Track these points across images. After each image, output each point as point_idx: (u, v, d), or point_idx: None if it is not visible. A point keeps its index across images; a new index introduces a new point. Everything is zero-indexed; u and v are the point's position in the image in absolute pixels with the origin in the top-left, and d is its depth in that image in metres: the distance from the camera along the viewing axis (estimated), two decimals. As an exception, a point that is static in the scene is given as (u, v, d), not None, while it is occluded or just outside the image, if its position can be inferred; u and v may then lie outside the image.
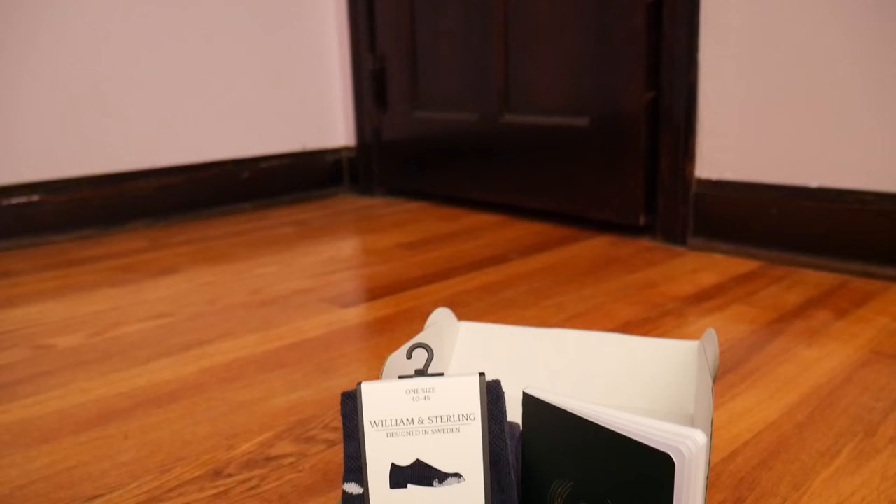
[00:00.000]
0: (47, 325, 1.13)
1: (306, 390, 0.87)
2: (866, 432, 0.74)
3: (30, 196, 1.64)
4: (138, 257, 1.51)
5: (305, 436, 0.76)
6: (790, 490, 0.65)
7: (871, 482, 0.65)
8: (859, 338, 0.97)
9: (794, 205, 1.31)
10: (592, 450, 0.43)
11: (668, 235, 1.48)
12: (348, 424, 0.48)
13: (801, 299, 1.13)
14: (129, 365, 0.96)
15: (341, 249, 1.54)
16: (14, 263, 1.49)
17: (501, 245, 1.52)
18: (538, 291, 1.21)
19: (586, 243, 1.51)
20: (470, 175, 1.86)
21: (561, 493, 0.45)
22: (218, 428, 0.79)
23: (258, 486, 0.67)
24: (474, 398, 0.48)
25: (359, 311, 1.15)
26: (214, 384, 0.89)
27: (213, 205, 1.93)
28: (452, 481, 0.47)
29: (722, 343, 0.97)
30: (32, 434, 0.79)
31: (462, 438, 0.48)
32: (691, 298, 1.15)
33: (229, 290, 1.27)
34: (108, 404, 0.85)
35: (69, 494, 0.67)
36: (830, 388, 0.83)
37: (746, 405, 0.80)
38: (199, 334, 1.06)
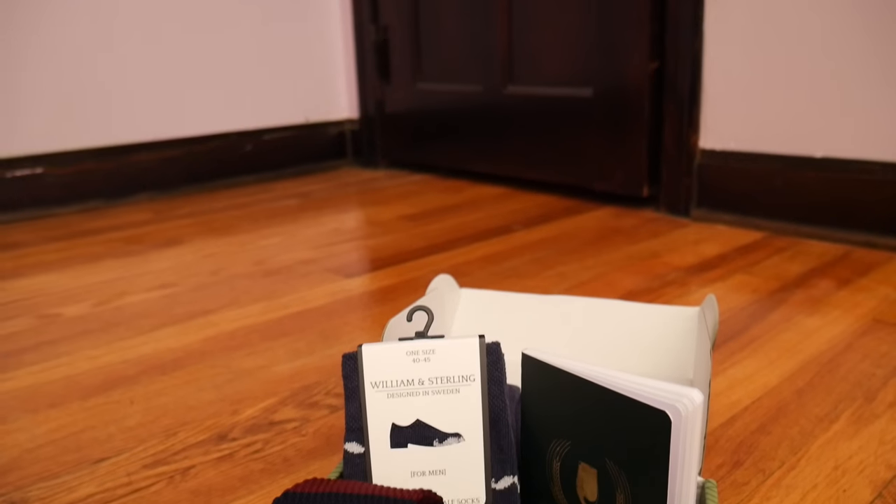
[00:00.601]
0: (53, 294, 1.14)
1: (309, 358, 0.88)
2: (866, 398, 0.74)
3: (33, 168, 1.64)
4: (142, 229, 1.52)
5: (309, 401, 0.77)
6: (788, 454, 0.65)
7: (869, 446, 0.66)
8: (861, 307, 0.97)
9: (799, 175, 1.30)
10: (590, 409, 0.43)
11: (672, 207, 1.47)
12: (349, 385, 0.49)
13: (804, 269, 1.13)
14: (134, 333, 0.97)
15: (344, 221, 1.54)
16: (19, 235, 1.50)
17: (504, 216, 1.52)
18: (541, 261, 1.21)
19: (589, 214, 1.51)
20: (473, 147, 1.85)
21: (559, 452, 0.46)
22: (222, 394, 0.79)
23: (262, 450, 0.68)
24: (474, 360, 0.49)
25: (362, 280, 1.15)
26: (218, 352, 0.90)
27: (216, 177, 1.93)
28: (452, 441, 0.48)
29: (723, 312, 0.97)
30: (40, 400, 0.80)
31: (462, 399, 0.48)
32: (694, 268, 1.15)
33: (233, 261, 1.27)
34: (113, 371, 0.86)
35: (76, 457, 0.68)
36: (831, 355, 0.84)
37: (746, 372, 0.80)
38: (203, 304, 1.07)
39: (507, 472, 0.47)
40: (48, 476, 0.65)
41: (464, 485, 0.47)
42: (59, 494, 0.62)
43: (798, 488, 0.60)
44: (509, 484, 0.47)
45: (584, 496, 0.45)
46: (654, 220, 1.45)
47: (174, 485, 0.63)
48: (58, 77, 1.65)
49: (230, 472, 0.65)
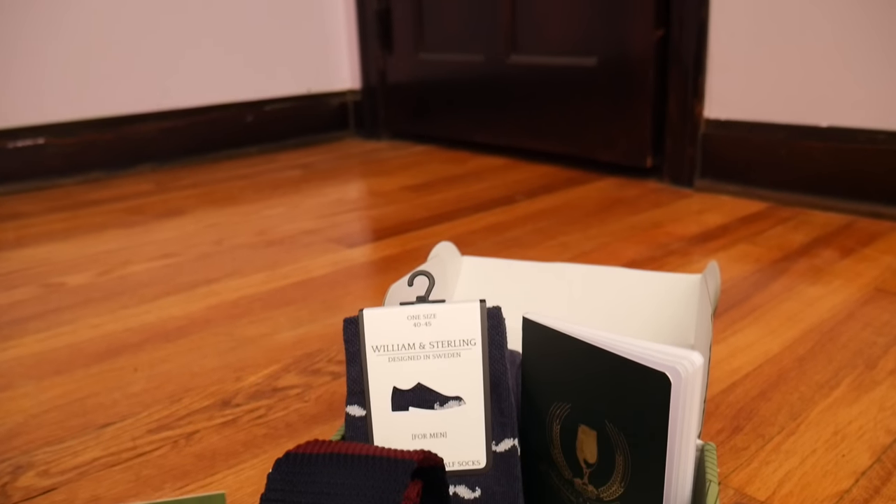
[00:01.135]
0: (57, 264, 1.14)
1: (312, 326, 0.88)
2: (867, 365, 0.74)
3: (35, 139, 1.64)
4: (145, 200, 1.52)
5: (311, 368, 0.78)
6: (788, 420, 0.65)
7: (869, 412, 0.66)
8: (864, 276, 0.97)
9: (804, 145, 1.29)
10: (590, 372, 0.44)
11: (676, 177, 1.47)
12: (351, 349, 0.49)
13: (807, 239, 1.13)
14: (138, 302, 0.97)
15: (347, 192, 1.54)
16: (22, 206, 1.50)
17: (507, 187, 1.51)
18: (543, 231, 1.21)
19: (593, 185, 1.50)
20: (476, 118, 1.84)
21: (559, 415, 0.46)
22: (225, 361, 0.80)
23: (265, 416, 0.69)
24: (475, 324, 0.49)
25: (364, 250, 1.15)
26: (222, 320, 0.91)
27: (218, 148, 1.92)
28: (453, 404, 0.48)
29: (726, 281, 0.97)
30: (45, 367, 0.80)
31: (463, 363, 0.48)
32: (696, 238, 1.15)
33: (235, 232, 1.27)
34: (117, 339, 0.87)
35: (82, 422, 0.69)
36: (833, 323, 0.84)
37: (748, 340, 0.81)
38: (206, 273, 1.07)
39: (508, 435, 0.48)
40: (53, 441, 0.66)
41: (464, 447, 0.48)
42: (64, 458, 0.63)
43: (797, 453, 0.61)
44: (509, 446, 0.48)
45: (584, 458, 0.45)
46: (657, 191, 1.44)
47: (178, 449, 0.64)
48: (59, 47, 1.64)
49: (234, 437, 0.65)
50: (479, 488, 0.47)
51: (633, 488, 0.43)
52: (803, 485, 0.57)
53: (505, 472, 0.47)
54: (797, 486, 0.57)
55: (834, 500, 0.55)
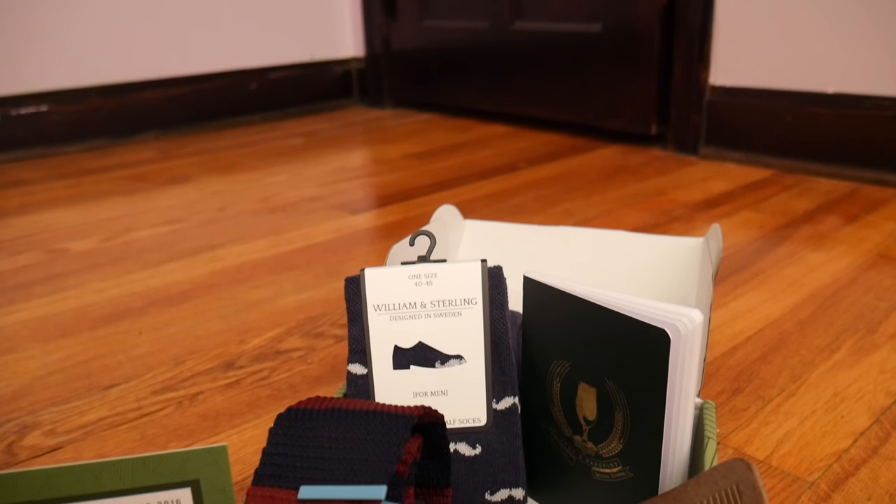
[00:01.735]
0: (61, 230, 1.14)
1: (315, 290, 0.88)
2: (867, 329, 0.74)
3: (38, 106, 1.63)
4: (148, 167, 1.52)
5: (314, 332, 0.78)
6: (788, 382, 0.66)
7: (869, 375, 0.66)
8: (867, 242, 0.97)
9: (809, 112, 1.28)
10: (590, 330, 0.44)
11: (680, 145, 1.46)
12: (352, 308, 0.49)
13: (811, 206, 1.12)
14: (142, 267, 0.98)
15: (350, 160, 1.53)
16: (26, 173, 1.50)
17: (511, 155, 1.51)
18: (547, 198, 1.20)
19: (597, 153, 1.50)
20: (480, 85, 1.83)
21: (560, 372, 0.46)
22: (229, 325, 0.80)
23: (269, 377, 0.69)
24: (476, 283, 0.49)
25: (367, 217, 1.15)
26: (225, 285, 0.91)
27: (221, 116, 1.91)
28: (454, 363, 0.48)
29: (729, 247, 0.97)
30: (50, 330, 0.81)
31: (464, 322, 0.49)
32: (700, 205, 1.14)
33: (239, 198, 1.27)
34: (121, 303, 0.87)
35: (87, 384, 0.69)
36: (835, 288, 0.84)
37: (749, 304, 0.81)
38: (209, 239, 1.07)
39: (508, 393, 0.48)
40: (59, 401, 0.67)
41: (465, 405, 0.48)
42: (70, 418, 0.64)
43: (796, 414, 0.61)
44: (510, 404, 0.48)
45: (584, 415, 0.46)
46: (661, 158, 1.43)
47: (182, 409, 0.65)
48: (61, 14, 1.62)
49: (237, 398, 0.66)
50: (480, 446, 0.48)
51: (632, 445, 0.43)
52: (802, 444, 0.57)
53: (505, 430, 0.48)
54: (796, 445, 0.57)
55: (832, 459, 0.55)
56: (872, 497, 0.51)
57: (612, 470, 0.45)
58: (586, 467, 0.46)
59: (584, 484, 0.47)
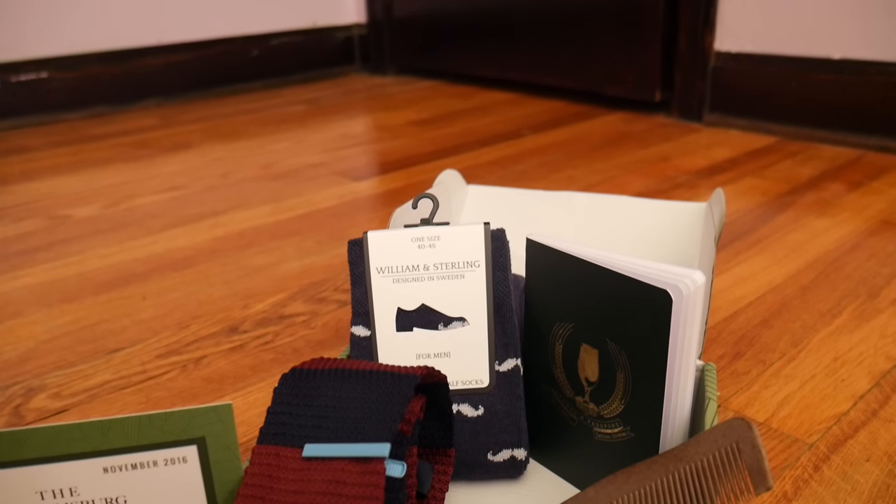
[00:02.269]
0: (63, 197, 1.14)
1: (318, 256, 0.89)
2: (869, 294, 0.74)
3: (38, 73, 1.62)
4: (150, 134, 1.51)
5: (318, 297, 0.78)
6: (789, 346, 0.66)
7: (870, 339, 0.67)
8: (871, 208, 0.97)
9: (815, 78, 1.27)
10: (593, 291, 0.44)
11: (684, 111, 1.45)
12: (355, 271, 0.49)
13: (815, 172, 1.12)
14: (145, 233, 0.98)
15: (353, 126, 1.52)
16: (27, 140, 1.49)
17: (514, 122, 1.50)
18: (550, 165, 1.20)
19: (600, 120, 1.49)
20: (483, 52, 1.81)
21: (562, 334, 0.47)
22: (233, 290, 0.81)
23: (272, 341, 0.70)
24: (479, 246, 0.49)
25: (370, 183, 1.15)
26: (228, 250, 0.91)
27: (222, 83, 1.90)
28: (457, 325, 0.49)
29: (732, 213, 0.97)
30: (54, 295, 0.81)
31: (466, 284, 0.49)
32: (704, 172, 1.14)
33: (241, 165, 1.27)
34: (125, 269, 0.87)
35: (92, 348, 0.70)
36: (837, 254, 0.84)
37: (752, 270, 0.81)
38: (212, 205, 1.07)
39: (511, 355, 0.48)
40: (64, 365, 0.67)
41: (468, 367, 0.48)
42: (75, 381, 0.65)
43: (797, 378, 0.61)
44: (512, 366, 0.48)
45: (585, 377, 0.46)
46: (665, 125, 1.42)
47: (187, 373, 0.65)
48: (57, -23, 1.61)
49: (241, 362, 0.67)
50: (482, 407, 0.48)
51: (634, 405, 0.44)
52: (802, 407, 0.58)
53: (507, 392, 0.48)
54: (796, 408, 0.58)
55: (832, 421, 0.56)
56: (871, 458, 0.52)
57: (614, 430, 0.45)
58: (588, 428, 0.47)
59: (585, 444, 0.47)
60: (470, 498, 0.48)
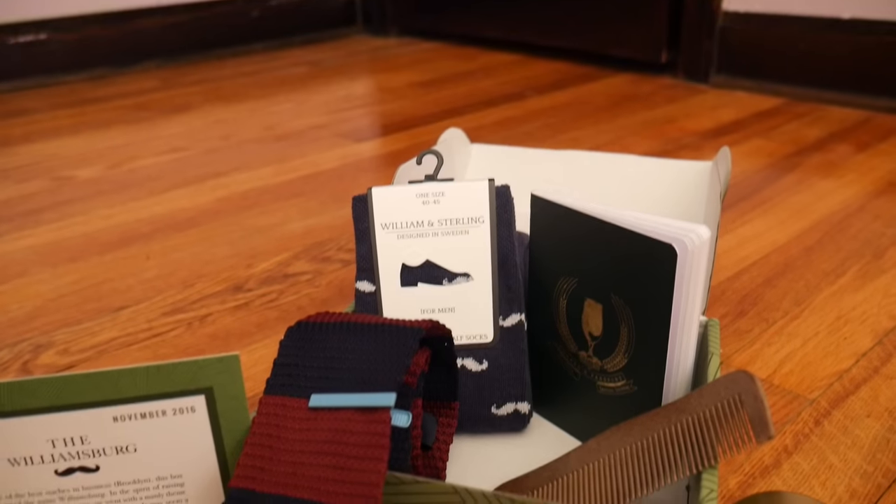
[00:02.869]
0: (65, 158, 1.14)
1: (321, 217, 0.88)
2: (874, 255, 0.74)
3: (37, 34, 1.61)
4: (151, 96, 1.50)
5: (321, 256, 0.78)
6: (792, 305, 0.66)
7: (874, 298, 0.67)
8: (878, 170, 0.96)
9: (823, 38, 1.25)
10: (597, 246, 0.44)
11: (691, 73, 1.43)
12: (360, 227, 0.49)
13: (822, 134, 1.11)
14: (148, 194, 0.98)
15: (355, 88, 1.51)
16: (27, 102, 1.49)
17: (518, 83, 1.48)
18: (554, 126, 1.19)
19: (605, 81, 1.47)
20: (486, 12, 1.78)
21: (566, 289, 0.47)
22: (237, 250, 0.81)
23: (277, 300, 0.70)
24: (483, 202, 0.49)
25: (373, 145, 1.14)
26: (231, 211, 0.91)
27: (223, 45, 1.88)
28: (461, 280, 0.49)
29: (737, 174, 0.96)
30: (59, 255, 0.81)
31: (471, 240, 0.49)
32: (709, 133, 1.13)
33: (243, 127, 1.26)
34: (129, 229, 0.87)
35: (98, 306, 0.70)
36: (843, 215, 0.84)
37: (756, 230, 0.81)
38: (214, 167, 1.07)
39: (515, 310, 0.48)
40: (71, 322, 0.68)
41: (472, 322, 0.49)
42: (82, 338, 0.65)
43: (799, 336, 0.62)
44: (516, 321, 0.48)
45: (589, 331, 0.46)
46: (671, 87, 1.41)
47: (193, 330, 0.66)
48: (54, -65, 1.58)
49: (246, 319, 0.67)
50: (487, 361, 0.49)
51: (637, 359, 0.44)
52: (804, 364, 0.58)
53: (511, 346, 0.49)
54: (798, 365, 0.58)
55: (833, 378, 0.56)
56: (872, 414, 0.52)
57: (617, 384, 0.46)
58: (591, 382, 0.47)
59: (588, 398, 0.48)
60: (474, 450, 0.48)
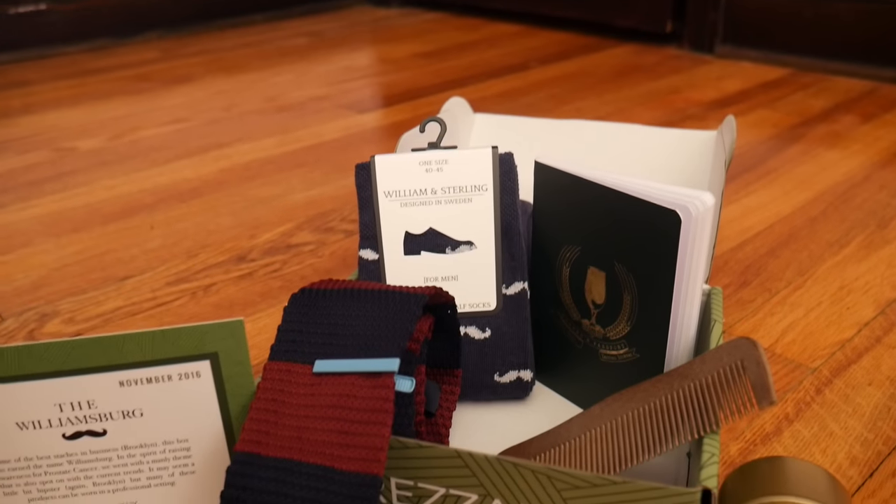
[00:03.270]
0: (67, 129, 1.13)
1: (325, 187, 0.88)
2: (878, 225, 0.74)
3: (37, 5, 1.59)
4: (152, 67, 1.49)
5: (324, 227, 0.78)
6: (795, 275, 0.66)
7: (877, 269, 0.67)
8: (883, 140, 0.96)
9: (830, 7, 1.24)
10: (601, 213, 0.44)
11: (696, 43, 1.42)
12: (363, 195, 0.49)
13: (828, 105, 1.10)
14: (150, 165, 0.98)
15: (357, 59, 1.50)
16: (28, 73, 1.48)
17: (521, 54, 1.47)
18: (558, 97, 1.18)
19: (609, 52, 1.46)
20: (490, -18, 1.76)
21: (569, 257, 0.47)
22: (240, 220, 0.81)
23: (280, 270, 0.70)
24: (487, 170, 0.49)
25: (375, 115, 1.14)
26: (234, 182, 0.91)
27: (224, 16, 1.86)
28: (464, 248, 0.49)
29: (742, 145, 0.96)
30: (63, 225, 0.82)
31: (474, 208, 0.49)
32: (714, 104, 1.12)
33: (245, 98, 1.26)
34: (132, 199, 0.87)
35: (102, 276, 0.71)
36: (847, 186, 0.83)
37: (761, 201, 0.80)
38: (216, 138, 1.07)
39: (518, 279, 0.49)
40: (76, 291, 0.68)
41: (475, 290, 0.49)
42: (87, 307, 0.65)
43: (802, 305, 0.62)
44: (519, 289, 0.49)
45: (592, 299, 0.46)
46: (676, 57, 1.40)
47: (197, 299, 0.66)
48: None
49: (250, 289, 0.67)
50: (489, 329, 0.49)
51: (640, 327, 0.44)
52: (806, 334, 0.58)
53: (514, 314, 0.49)
54: (800, 335, 0.58)
55: (835, 347, 0.56)
56: (873, 382, 0.53)
57: (619, 352, 0.46)
58: (593, 350, 0.47)
59: (590, 366, 0.48)
60: (477, 418, 0.49)
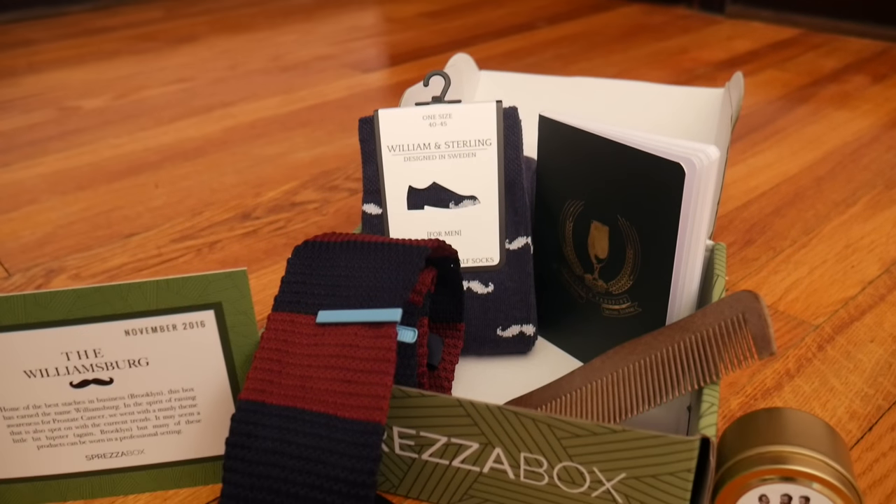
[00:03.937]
0: (71, 88, 1.13)
1: (329, 146, 0.88)
2: (886, 185, 0.74)
3: (39, -38, 1.58)
4: (156, 26, 1.48)
5: (329, 185, 0.78)
6: (800, 234, 0.66)
7: (883, 228, 0.66)
8: (893, 101, 0.94)
9: (845, -35, 1.22)
10: (605, 167, 0.44)
11: (706, 3, 1.40)
12: (366, 149, 0.49)
13: (839, 65, 1.09)
14: (155, 124, 0.97)
15: (362, 18, 1.48)
16: (31, 33, 1.47)
17: (528, 13, 1.45)
18: (565, 57, 1.17)
19: (618, 11, 1.44)
20: (498, -60, 1.73)
21: (573, 212, 0.47)
22: (244, 178, 0.81)
23: (284, 227, 0.70)
24: (491, 124, 0.48)
25: (380, 75, 1.13)
26: (239, 141, 0.91)
27: (228, -26, 1.84)
28: (468, 203, 0.49)
29: (750, 105, 0.95)
30: (68, 183, 0.82)
31: (478, 163, 0.48)
32: (724, 64, 1.11)
33: (249, 57, 1.25)
34: (137, 158, 0.87)
35: (108, 233, 0.71)
36: (856, 146, 0.82)
37: (768, 161, 0.80)
38: (221, 97, 1.06)
39: (521, 234, 0.49)
40: (82, 248, 0.68)
41: (479, 244, 0.49)
42: (93, 264, 0.66)
43: (807, 264, 0.62)
44: (523, 244, 0.49)
45: (595, 254, 0.46)
46: (686, 17, 1.38)
47: (202, 256, 0.66)
48: None
49: (255, 246, 0.67)
50: (492, 284, 0.49)
51: (642, 281, 0.44)
52: (810, 291, 0.58)
53: (517, 269, 0.49)
54: (804, 292, 0.58)
55: (839, 305, 0.56)
56: (875, 339, 0.53)
57: (622, 306, 0.46)
58: (596, 304, 0.48)
59: (593, 321, 0.48)
60: (479, 372, 0.49)
